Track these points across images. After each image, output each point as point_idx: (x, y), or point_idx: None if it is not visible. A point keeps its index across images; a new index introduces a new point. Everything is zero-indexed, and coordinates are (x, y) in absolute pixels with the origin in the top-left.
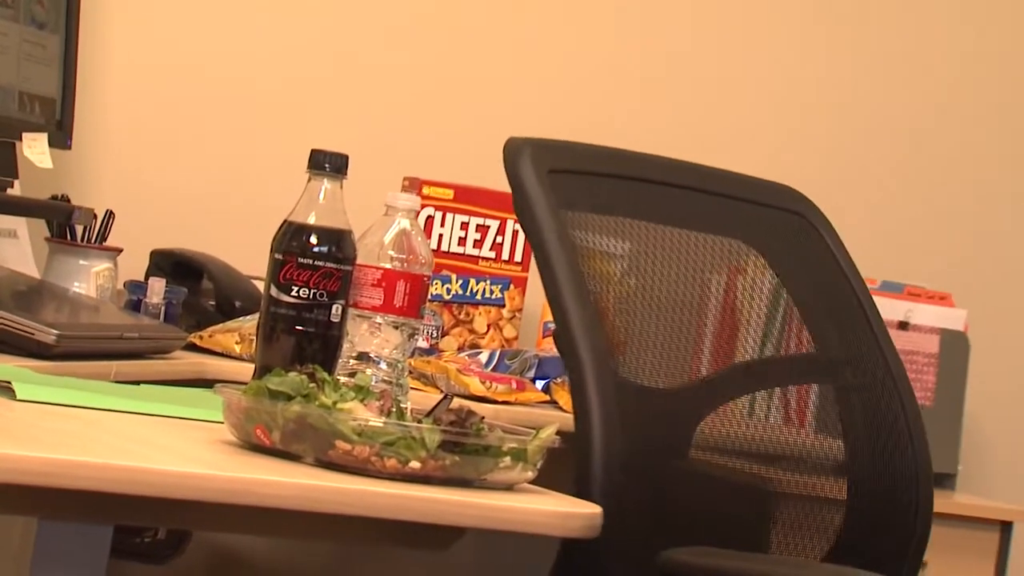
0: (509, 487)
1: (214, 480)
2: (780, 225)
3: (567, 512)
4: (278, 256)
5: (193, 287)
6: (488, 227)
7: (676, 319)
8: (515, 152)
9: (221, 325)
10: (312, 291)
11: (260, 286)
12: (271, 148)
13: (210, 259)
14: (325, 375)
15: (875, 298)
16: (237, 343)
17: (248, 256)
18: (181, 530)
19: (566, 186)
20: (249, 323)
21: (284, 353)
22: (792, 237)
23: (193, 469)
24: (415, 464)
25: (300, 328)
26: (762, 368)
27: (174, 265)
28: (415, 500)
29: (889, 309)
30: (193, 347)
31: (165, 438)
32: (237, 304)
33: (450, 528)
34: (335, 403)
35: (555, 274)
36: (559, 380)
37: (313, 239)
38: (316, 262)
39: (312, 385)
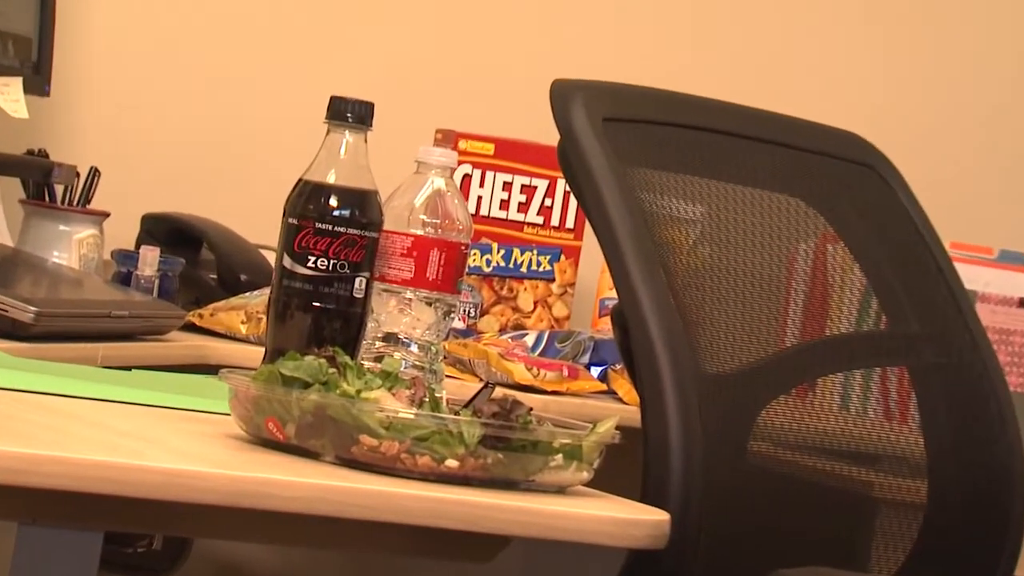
0: (561, 490)
1: (218, 480)
2: (846, 179)
3: (629, 519)
4: (292, 221)
5: (192, 257)
6: (535, 187)
7: (757, 295)
8: (564, 97)
9: (224, 302)
10: (332, 261)
11: (270, 256)
12: (283, 95)
13: (211, 225)
14: (347, 359)
15: (991, 271)
16: (243, 323)
17: (256, 221)
18: (180, 538)
19: (625, 137)
20: (257, 299)
21: (299, 334)
22: (859, 193)
23: (194, 467)
24: (452, 463)
25: (318, 305)
26: (824, 350)
27: (169, 232)
28: (451, 504)
29: (1009, 284)
30: (192, 327)
31: (161, 432)
32: (243, 277)
33: (492, 537)
34: (359, 391)
35: (618, 242)
36: (618, 366)
37: (333, 201)
38: (336, 228)
39: (332, 371)
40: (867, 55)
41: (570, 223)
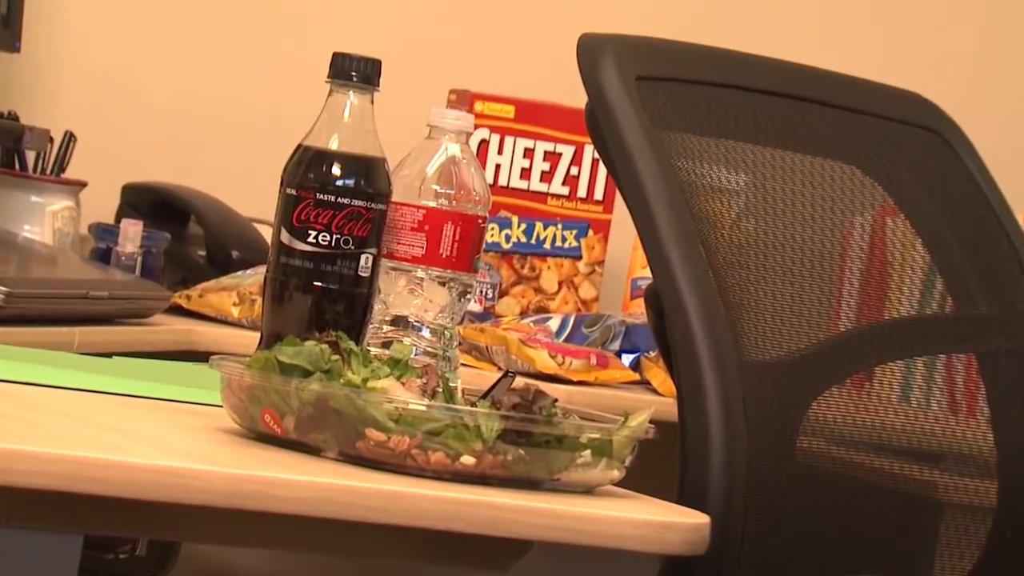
0: (589, 490)
1: (209, 478)
2: (907, 145)
3: (665, 522)
4: (291, 191)
5: (178, 232)
6: (560, 155)
7: (807, 274)
8: (593, 53)
9: (214, 281)
10: (334, 236)
11: (265, 231)
12: (280, 52)
13: (200, 196)
14: (352, 345)
15: None
16: (235, 305)
17: (249, 192)
18: (166, 543)
19: (660, 98)
20: (251, 279)
21: (298, 317)
22: (922, 160)
23: (182, 464)
24: (468, 459)
25: (319, 284)
26: (882, 335)
27: (153, 204)
28: (467, 505)
29: None
30: (179, 310)
31: (145, 425)
32: (235, 254)
33: (513, 541)
34: (365, 381)
35: (653, 216)
36: (652, 354)
37: (336, 169)
38: (339, 199)
39: (335, 358)
40: (930, 1)
41: (599, 194)
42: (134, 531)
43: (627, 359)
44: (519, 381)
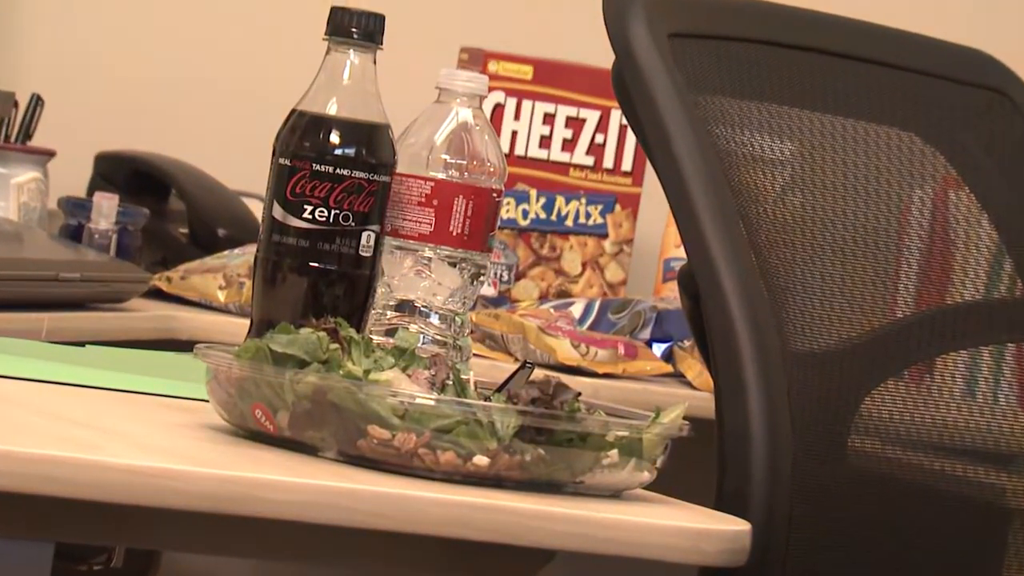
0: (616, 493)
1: (194, 480)
2: (971, 109)
3: (701, 530)
4: (284, 162)
5: (157, 207)
6: (583, 120)
7: (860, 254)
8: (621, 7)
9: (198, 262)
10: (333, 212)
11: (255, 207)
12: (274, 6)
13: (182, 167)
14: (352, 332)
15: None
16: (221, 288)
17: (237, 163)
18: (145, 552)
19: (696, 58)
20: (239, 259)
21: (293, 301)
22: (989, 125)
23: (164, 464)
24: (482, 460)
25: (316, 265)
26: (944, 322)
27: (130, 175)
28: (481, 510)
29: None
30: (159, 294)
31: (122, 421)
32: (220, 232)
33: (531, 551)
34: (367, 372)
35: (688, 189)
36: (686, 343)
37: (334, 137)
38: (339, 170)
39: (334, 347)
40: None
41: (627, 165)
42: (110, 539)
43: (659, 349)
44: (538, 373)
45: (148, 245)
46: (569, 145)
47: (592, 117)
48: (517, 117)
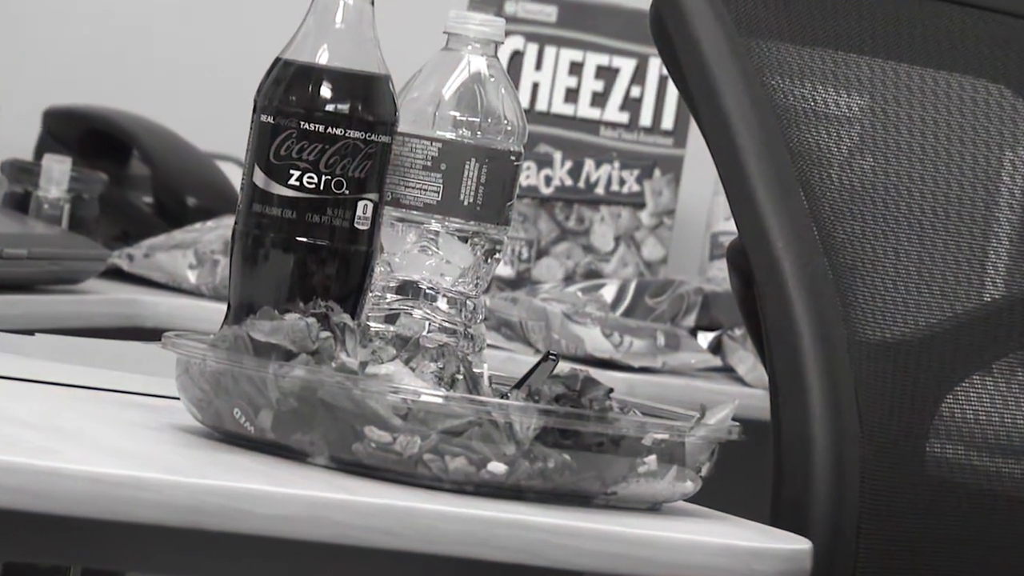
0: (654, 506)
1: (161, 489)
2: None
3: (752, 548)
4: (267, 119)
5: (117, 172)
6: (616, 70)
7: (942, 228)
8: None
9: (165, 237)
10: (324, 177)
11: (231, 172)
12: None
13: (145, 125)
14: (346, 319)
15: None
16: (192, 267)
17: (209, 120)
18: (106, 573)
19: None
20: (212, 233)
21: (277, 283)
22: None
23: (126, 471)
24: (498, 467)
25: (304, 240)
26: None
27: (85, 135)
28: (497, 526)
29: None
30: (119, 273)
31: (78, 421)
32: (191, 201)
33: (556, 572)
34: (364, 365)
35: (739, 151)
36: (737, 332)
37: (326, 90)
38: (331, 129)
39: (325, 335)
40: None
41: (667, 123)
42: (65, 558)
43: (704, 339)
44: (563, 367)
45: (106, 216)
46: (599, 99)
47: (627, 66)
48: (539, 67)
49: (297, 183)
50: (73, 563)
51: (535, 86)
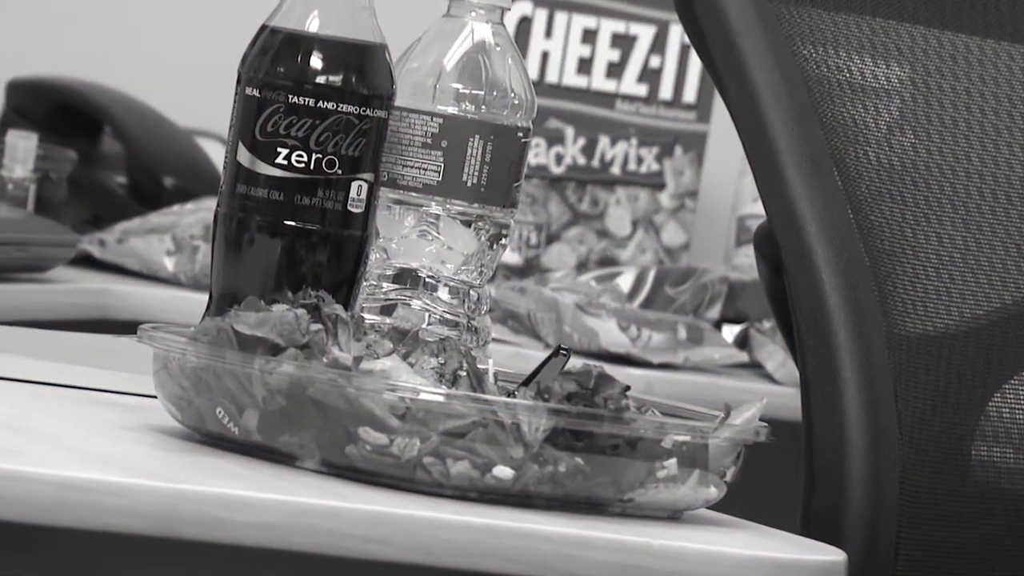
0: (674, 514)
1: (136, 495)
2: None
3: (782, 560)
4: (252, 92)
5: (87, 150)
6: (634, 38)
7: (989, 211)
8: None
9: (140, 221)
10: (315, 156)
11: (212, 149)
12: None
13: (118, 99)
14: (339, 310)
15: None
16: (170, 253)
17: (187, 94)
18: None
19: None
20: (192, 217)
21: (263, 271)
22: None
23: (97, 475)
24: (504, 472)
25: (293, 224)
26: None
27: (53, 109)
28: (503, 536)
29: None
30: (89, 260)
31: (49, 421)
32: (168, 182)
33: None
34: (358, 360)
35: (767, 126)
36: (766, 324)
37: (316, 61)
38: (322, 103)
39: (316, 328)
40: None
41: (690, 96)
42: (31, 570)
43: (730, 332)
44: (575, 362)
45: (76, 198)
46: (615, 70)
47: (645, 34)
48: (549, 34)
49: (285, 162)
50: None
51: (545, 56)
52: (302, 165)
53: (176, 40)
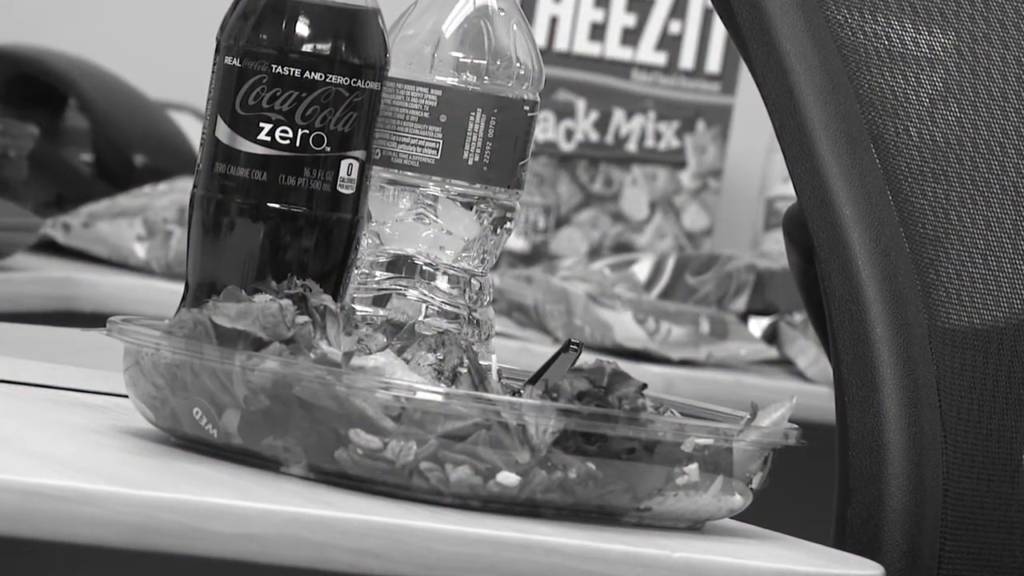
0: (696, 524)
1: (107, 503)
2: None
3: (815, 575)
4: (232, 61)
5: (50, 125)
6: (652, 2)
7: None
8: None
9: (107, 203)
10: (301, 131)
11: (187, 124)
12: None
13: (83, 69)
14: (327, 301)
15: None
16: (141, 239)
17: (159, 64)
18: None
19: None
20: (165, 199)
21: (244, 258)
22: None
23: (68, 482)
24: (509, 478)
25: (276, 206)
26: None
27: (11, 80)
28: (508, 548)
29: None
30: (53, 247)
31: (11, 423)
32: (138, 160)
33: None
34: (349, 356)
35: (798, 100)
36: (797, 317)
37: (302, 27)
38: (309, 73)
39: (302, 321)
40: None
41: (713, 65)
42: None
43: (758, 325)
44: (587, 358)
45: (37, 178)
46: (631, 37)
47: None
48: None
49: (268, 138)
50: None
51: (553, 21)
52: (287, 142)
53: (148, 3)
